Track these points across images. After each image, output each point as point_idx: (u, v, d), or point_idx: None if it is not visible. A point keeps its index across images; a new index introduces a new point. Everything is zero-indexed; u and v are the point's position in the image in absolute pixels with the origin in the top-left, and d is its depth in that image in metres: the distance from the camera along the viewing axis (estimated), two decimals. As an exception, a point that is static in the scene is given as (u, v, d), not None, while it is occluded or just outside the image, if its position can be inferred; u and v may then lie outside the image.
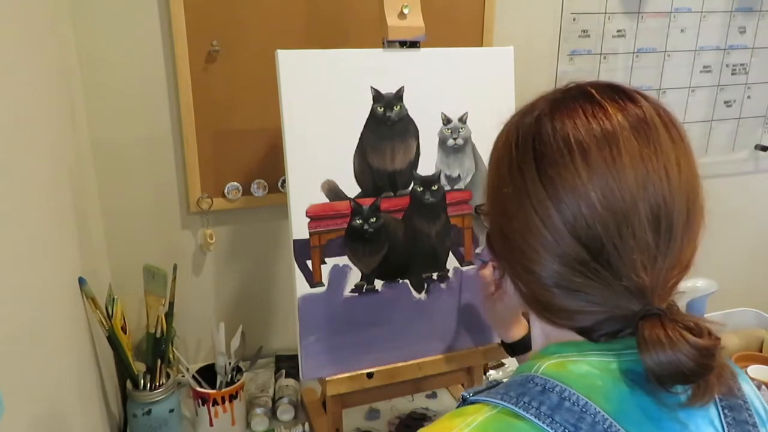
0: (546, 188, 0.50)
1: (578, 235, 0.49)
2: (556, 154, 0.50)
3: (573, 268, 0.49)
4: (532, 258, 0.51)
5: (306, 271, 0.97)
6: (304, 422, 1.16)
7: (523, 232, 0.52)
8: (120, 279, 1.21)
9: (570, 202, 0.49)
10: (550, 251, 0.50)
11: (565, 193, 0.49)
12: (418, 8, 0.99)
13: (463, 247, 1.07)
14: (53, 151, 0.89)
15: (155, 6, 1.12)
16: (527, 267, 0.52)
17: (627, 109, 0.51)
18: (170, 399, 1.06)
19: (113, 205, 1.21)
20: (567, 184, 0.49)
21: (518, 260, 0.53)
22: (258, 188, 1.25)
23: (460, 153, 1.04)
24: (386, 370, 1.02)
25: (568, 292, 0.51)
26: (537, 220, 0.50)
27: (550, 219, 0.50)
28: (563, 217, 0.49)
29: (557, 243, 0.50)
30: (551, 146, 0.50)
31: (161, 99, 1.18)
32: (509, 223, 0.53)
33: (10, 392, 0.56)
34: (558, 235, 0.49)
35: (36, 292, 0.72)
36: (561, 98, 0.54)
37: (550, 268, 0.51)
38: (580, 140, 0.49)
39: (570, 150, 0.49)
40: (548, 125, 0.52)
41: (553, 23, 1.39)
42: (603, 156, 0.49)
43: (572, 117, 0.51)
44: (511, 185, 0.53)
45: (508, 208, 0.53)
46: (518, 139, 0.54)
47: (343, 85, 0.96)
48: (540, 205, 0.50)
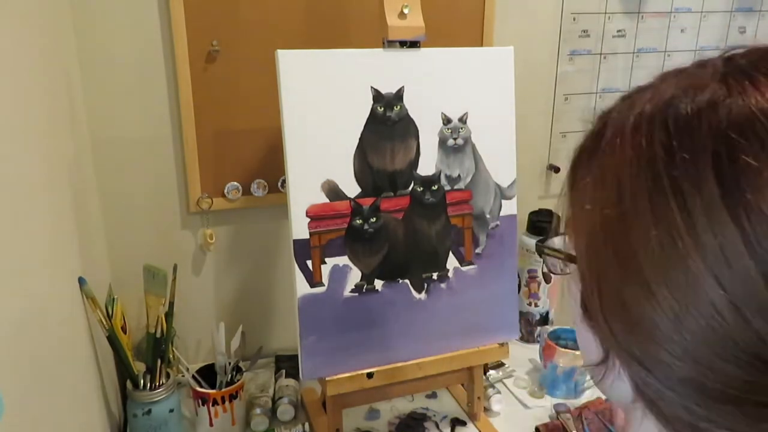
0: (743, 228, 0.29)
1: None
2: (762, 150, 0.29)
3: (752, 367, 0.29)
4: (687, 355, 0.31)
5: (306, 271, 0.97)
6: (304, 422, 1.16)
7: (675, 309, 0.31)
8: (120, 279, 1.21)
9: None
10: (730, 344, 0.30)
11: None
12: (418, 8, 0.99)
13: (463, 247, 1.07)
14: (53, 150, 0.89)
15: (155, 6, 1.12)
16: (670, 368, 0.32)
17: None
18: (170, 399, 1.06)
19: (113, 205, 1.21)
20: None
21: (652, 353, 0.33)
22: (258, 188, 1.25)
23: (460, 153, 1.04)
24: (386, 370, 1.02)
25: (749, 409, 0.31)
26: (712, 286, 0.30)
27: (740, 281, 0.29)
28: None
29: (754, 330, 0.29)
30: (755, 148, 0.29)
31: (161, 99, 1.18)
32: (646, 290, 0.32)
33: (10, 392, 0.56)
34: (755, 309, 0.29)
35: (36, 292, 0.72)
36: (735, 65, 0.33)
37: (723, 370, 0.30)
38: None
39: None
40: (741, 111, 0.30)
41: (553, 23, 1.39)
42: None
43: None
44: (659, 224, 0.31)
45: (647, 264, 0.32)
46: (670, 139, 0.32)
47: (343, 85, 0.96)
48: (724, 260, 0.29)
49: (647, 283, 0.32)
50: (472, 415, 1.17)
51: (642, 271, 0.32)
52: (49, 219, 0.82)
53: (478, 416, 1.16)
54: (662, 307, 0.31)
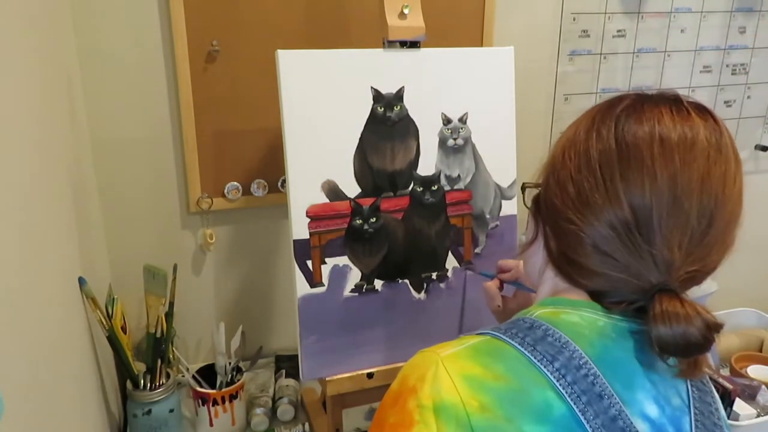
0: (619, 152, 0.54)
1: (632, 200, 0.53)
2: (637, 127, 0.54)
3: (614, 229, 0.53)
4: (583, 213, 0.55)
5: (306, 271, 0.97)
6: (304, 422, 1.16)
7: (582, 188, 0.55)
8: (120, 279, 1.21)
9: (636, 170, 0.53)
10: (602, 210, 0.54)
11: (634, 160, 0.53)
12: (418, 8, 0.99)
13: (463, 247, 1.07)
14: (53, 151, 0.89)
15: (155, 6, 1.12)
16: (573, 221, 0.56)
17: (708, 120, 0.56)
18: (170, 399, 1.06)
19: (113, 205, 1.21)
20: (639, 156, 0.53)
21: (566, 214, 0.56)
22: (258, 188, 1.25)
23: (460, 153, 1.04)
24: (386, 370, 1.02)
25: (601, 254, 0.54)
26: (600, 178, 0.54)
27: (612, 179, 0.54)
28: (625, 182, 0.53)
29: (611, 203, 0.53)
30: (635, 121, 0.54)
31: (161, 99, 1.18)
32: (571, 176, 0.57)
33: (10, 392, 0.56)
34: (614, 196, 0.53)
35: (36, 292, 0.72)
36: (650, 95, 0.59)
37: (595, 226, 0.54)
38: (662, 127, 0.53)
39: (651, 129, 0.53)
40: (638, 107, 0.56)
41: (553, 23, 1.39)
42: (679, 144, 0.53)
43: (660, 108, 0.55)
44: (584, 142, 0.57)
45: (576, 161, 0.57)
46: (604, 112, 0.58)
47: (343, 85, 0.96)
48: (607, 166, 0.54)
49: (573, 180, 0.56)
50: (472, 415, 1.17)
51: (570, 173, 0.57)
52: (49, 219, 0.82)
53: (478, 416, 1.16)
54: (579, 195, 0.56)
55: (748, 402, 1.14)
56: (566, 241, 0.57)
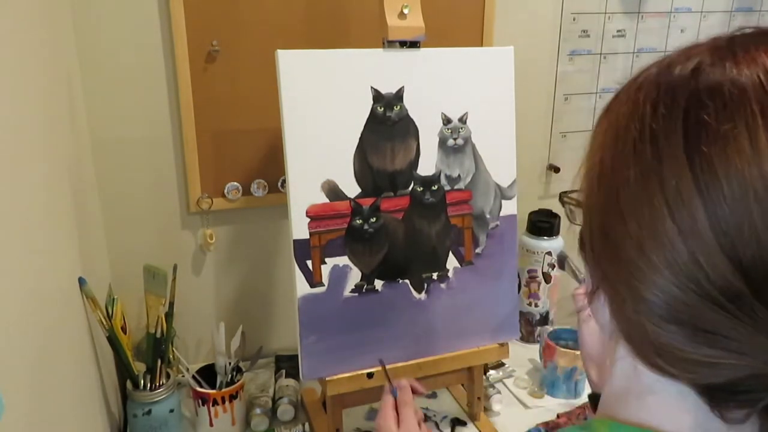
0: (696, 174, 0.34)
1: (737, 255, 0.33)
2: (724, 123, 0.33)
3: (713, 301, 0.34)
4: (650, 280, 0.36)
5: (306, 271, 0.97)
6: (304, 422, 1.16)
7: (641, 241, 0.36)
8: (120, 279, 1.21)
9: (734, 204, 0.33)
10: (682, 274, 0.34)
11: (729, 186, 0.33)
12: (418, 8, 0.99)
13: (463, 247, 1.07)
14: (53, 151, 0.89)
15: (155, 6, 1.12)
16: (638, 292, 0.37)
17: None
18: (170, 399, 1.06)
19: (113, 205, 1.21)
20: (734, 173, 0.32)
21: (625, 279, 0.38)
22: (258, 188, 1.25)
23: (460, 153, 1.04)
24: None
25: (696, 333, 0.35)
26: (669, 222, 0.34)
27: (694, 226, 0.34)
28: (716, 222, 0.33)
29: (698, 263, 0.34)
30: (717, 110, 0.34)
31: (161, 99, 1.18)
32: (621, 221, 0.37)
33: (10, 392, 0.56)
34: (703, 251, 0.33)
35: (36, 292, 0.72)
36: (732, 41, 0.37)
37: (675, 296, 0.35)
38: (766, 96, 0.33)
39: (750, 118, 0.33)
40: (715, 78, 0.35)
41: (553, 23, 1.39)
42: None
43: (755, 68, 0.34)
44: (636, 166, 0.36)
45: (624, 198, 0.37)
46: (658, 98, 0.37)
47: (343, 85, 0.96)
48: (679, 202, 0.34)
49: (622, 215, 0.37)
50: (472, 415, 1.17)
51: (619, 204, 0.38)
52: (49, 219, 0.82)
53: (478, 416, 1.16)
54: (631, 235, 0.37)
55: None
56: (637, 318, 0.38)
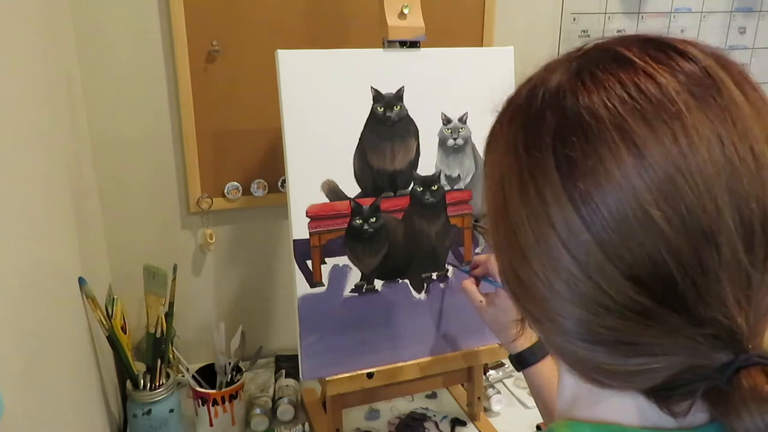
0: (579, 209, 0.35)
1: (634, 272, 0.34)
2: (591, 157, 0.35)
3: (626, 319, 0.35)
4: (563, 310, 0.37)
5: (306, 271, 0.97)
6: (304, 422, 1.16)
7: (547, 275, 0.37)
8: (120, 279, 1.21)
9: (618, 226, 0.34)
10: (589, 301, 0.36)
11: (608, 212, 0.34)
12: (418, 8, 0.99)
13: (463, 247, 1.07)
14: (53, 150, 0.89)
15: (155, 6, 1.12)
16: (556, 322, 0.38)
17: (679, 67, 0.35)
18: (170, 399, 1.06)
19: (113, 205, 1.21)
20: (610, 200, 0.34)
21: (542, 312, 0.39)
22: (258, 188, 1.25)
23: (460, 153, 1.04)
24: (386, 370, 1.02)
25: (620, 347, 0.36)
26: (567, 257, 0.36)
27: (588, 254, 0.35)
28: (608, 250, 0.34)
29: (602, 289, 0.35)
30: (581, 145, 0.35)
31: (161, 99, 1.18)
32: (525, 261, 0.39)
33: (9, 392, 0.56)
34: (601, 276, 0.35)
35: (36, 292, 0.72)
36: (581, 68, 0.38)
37: (589, 321, 0.36)
38: (621, 119, 0.34)
39: (612, 145, 0.34)
40: (573, 111, 0.36)
41: (553, 23, 1.39)
42: (659, 137, 0.33)
43: (603, 89, 0.36)
44: (525, 207, 0.38)
45: (522, 240, 0.38)
46: (527, 137, 0.39)
47: (343, 85, 0.96)
48: (570, 235, 0.35)
49: (525, 255, 0.39)
50: (472, 415, 1.17)
51: (520, 245, 0.39)
52: (49, 219, 0.82)
53: (478, 416, 1.16)
54: (537, 273, 0.38)
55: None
56: (567, 346, 0.39)
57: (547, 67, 0.41)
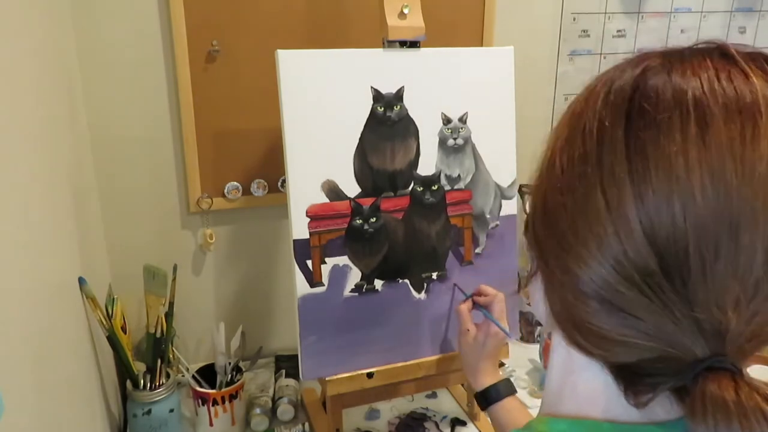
0: (630, 157, 0.36)
1: (654, 235, 0.35)
2: (662, 113, 0.36)
3: (630, 279, 0.36)
4: (578, 254, 0.38)
5: (306, 271, 0.97)
6: (304, 422, 1.16)
7: (574, 214, 0.39)
8: (120, 279, 1.21)
9: (659, 186, 0.35)
10: (604, 248, 0.37)
11: (656, 170, 0.35)
12: (418, 8, 0.99)
13: (463, 247, 1.07)
14: (53, 150, 0.89)
15: (155, 6, 1.12)
16: (568, 267, 0.39)
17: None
18: (170, 399, 1.06)
19: (113, 205, 1.21)
20: (663, 159, 0.35)
21: (556, 253, 0.40)
22: (258, 188, 1.25)
23: (460, 153, 1.04)
24: (386, 370, 1.02)
25: (612, 311, 0.38)
26: (600, 200, 0.37)
27: (620, 203, 0.36)
28: (641, 206, 0.35)
29: (620, 240, 0.36)
30: (657, 102, 0.36)
31: (161, 99, 1.18)
32: (560, 196, 0.40)
33: (9, 392, 0.56)
34: (625, 228, 0.36)
35: (36, 292, 0.72)
36: (683, 51, 0.40)
37: (599, 274, 0.37)
38: (702, 104, 0.35)
39: (684, 112, 0.35)
40: (660, 78, 0.38)
41: (553, 23, 1.39)
42: (730, 133, 0.34)
43: (697, 73, 0.37)
44: (581, 146, 0.39)
45: (565, 175, 0.40)
46: (609, 90, 0.40)
47: (343, 85, 0.96)
48: (611, 180, 0.36)
49: (561, 190, 0.40)
50: (472, 415, 1.17)
51: (561, 180, 0.40)
52: (49, 219, 0.82)
53: (478, 416, 1.16)
54: (566, 208, 0.39)
55: (748, 402, 1.14)
56: (562, 293, 0.41)
57: (645, 53, 0.43)
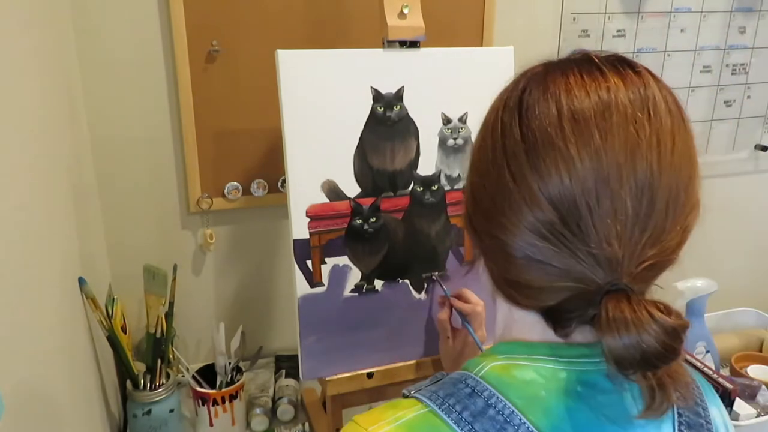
0: (525, 140, 0.47)
1: (550, 194, 0.45)
2: (542, 107, 0.47)
3: (540, 234, 0.46)
4: (501, 223, 0.48)
5: (306, 271, 0.97)
6: (304, 422, 1.16)
7: (493, 194, 0.49)
8: (120, 279, 1.21)
9: (547, 158, 0.45)
10: (518, 214, 0.46)
11: (544, 147, 0.46)
12: (418, 8, 0.99)
13: (463, 247, 1.07)
14: (53, 150, 0.89)
15: (155, 6, 1.12)
16: (495, 235, 0.49)
17: (628, 76, 0.48)
18: (170, 399, 1.06)
19: (113, 205, 1.21)
20: (546, 136, 0.46)
21: (487, 229, 0.50)
22: (258, 188, 1.25)
23: (460, 153, 1.04)
24: (386, 370, 1.02)
25: (534, 264, 0.47)
26: (508, 177, 0.47)
27: (522, 176, 0.46)
28: (537, 174, 0.45)
29: (527, 204, 0.46)
30: (539, 100, 0.48)
31: (161, 99, 1.18)
32: (482, 184, 0.50)
33: (9, 392, 0.56)
34: (529, 193, 0.46)
35: (36, 292, 0.72)
36: (556, 61, 0.53)
37: (518, 234, 0.47)
38: (571, 99, 0.46)
39: (558, 105, 0.47)
40: (540, 81, 0.50)
41: (553, 23, 1.39)
42: (594, 115, 0.45)
43: (567, 76, 0.49)
44: (491, 141, 0.50)
45: (483, 166, 0.51)
46: (508, 97, 0.53)
47: (343, 85, 0.96)
48: (513, 160, 0.47)
49: (481, 175, 0.51)
50: (472, 415, 1.17)
51: (480, 168, 0.51)
52: (49, 219, 0.82)
53: (478, 416, 1.16)
54: (486, 189, 0.50)
55: (748, 402, 1.14)
56: (496, 259, 0.51)
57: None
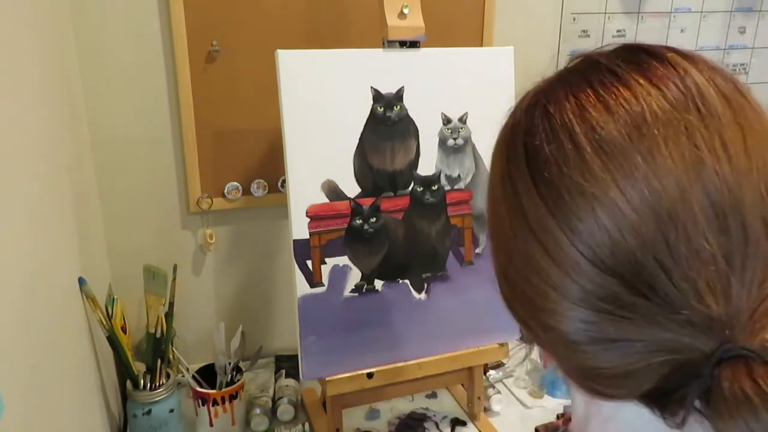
0: (545, 200, 0.36)
1: (601, 259, 0.34)
2: (554, 148, 0.36)
3: (601, 310, 0.34)
4: (545, 309, 0.37)
5: (306, 271, 0.97)
6: (304, 422, 1.16)
7: (526, 273, 0.38)
8: (120, 279, 1.21)
9: (583, 214, 0.34)
10: (564, 293, 0.36)
11: (573, 200, 0.35)
12: (418, 8, 0.99)
13: (463, 247, 1.07)
14: (53, 150, 0.89)
15: (155, 6, 1.12)
16: (545, 323, 0.38)
17: (652, 69, 0.36)
18: (170, 399, 1.06)
19: (113, 205, 1.21)
20: (573, 185, 0.35)
21: (530, 314, 0.40)
22: (258, 188, 1.25)
23: (460, 153, 1.04)
24: (386, 370, 1.02)
25: (606, 346, 0.35)
26: (539, 250, 0.36)
27: (557, 245, 0.35)
28: (573, 237, 0.35)
29: (571, 278, 0.35)
30: (548, 140, 0.37)
31: (161, 99, 1.18)
32: (509, 262, 0.40)
33: (9, 392, 0.56)
34: (570, 265, 0.35)
35: (36, 292, 0.72)
36: (559, 77, 0.41)
37: (570, 317, 0.36)
38: (588, 126, 0.35)
39: (573, 139, 0.35)
40: (540, 114, 0.39)
41: (553, 23, 1.39)
42: (626, 138, 0.34)
43: (574, 96, 0.37)
44: (504, 208, 0.40)
45: (503, 240, 0.40)
46: (508, 138, 0.42)
47: (343, 85, 0.96)
48: (539, 227, 0.36)
49: (509, 253, 0.40)
50: (472, 415, 1.17)
51: (501, 242, 0.41)
52: (49, 219, 0.82)
53: (478, 416, 1.16)
54: (518, 272, 0.39)
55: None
56: (557, 351, 0.39)
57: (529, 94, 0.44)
